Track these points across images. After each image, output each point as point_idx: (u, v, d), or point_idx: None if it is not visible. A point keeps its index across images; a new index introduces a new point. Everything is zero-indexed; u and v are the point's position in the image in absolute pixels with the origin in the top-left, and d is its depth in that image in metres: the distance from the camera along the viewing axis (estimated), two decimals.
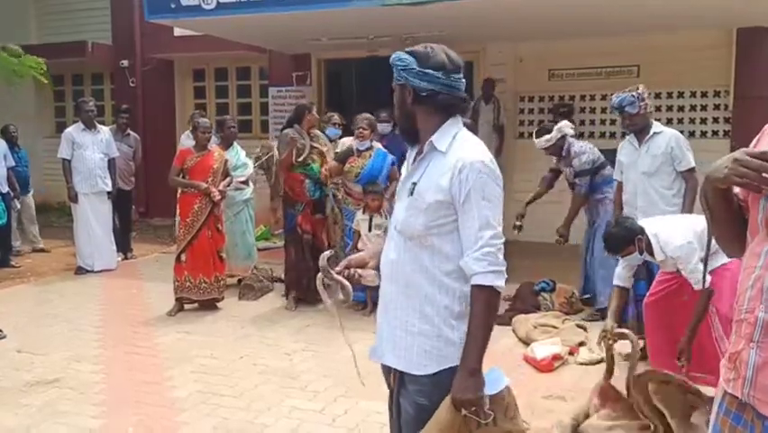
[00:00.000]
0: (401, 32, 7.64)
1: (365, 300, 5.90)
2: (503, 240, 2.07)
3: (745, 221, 1.68)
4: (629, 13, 6.63)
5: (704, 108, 8.05)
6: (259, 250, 7.78)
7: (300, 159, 5.90)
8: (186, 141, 7.13)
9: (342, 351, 4.91)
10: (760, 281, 1.57)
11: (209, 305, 6.12)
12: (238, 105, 10.74)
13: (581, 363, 4.65)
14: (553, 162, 5.89)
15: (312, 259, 6.01)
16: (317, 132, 6.20)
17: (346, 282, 2.30)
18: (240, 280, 6.70)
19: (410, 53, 2.12)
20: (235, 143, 6.84)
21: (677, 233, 3.73)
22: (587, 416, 3.69)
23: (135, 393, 4.27)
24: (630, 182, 4.82)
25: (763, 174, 1.45)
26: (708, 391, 3.35)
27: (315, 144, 6.04)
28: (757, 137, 1.67)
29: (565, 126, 5.60)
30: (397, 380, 2.23)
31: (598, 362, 4.60)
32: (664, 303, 3.91)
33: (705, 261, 1.84)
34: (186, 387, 4.35)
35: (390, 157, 6.01)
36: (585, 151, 5.53)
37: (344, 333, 2.43)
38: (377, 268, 2.35)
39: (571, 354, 4.75)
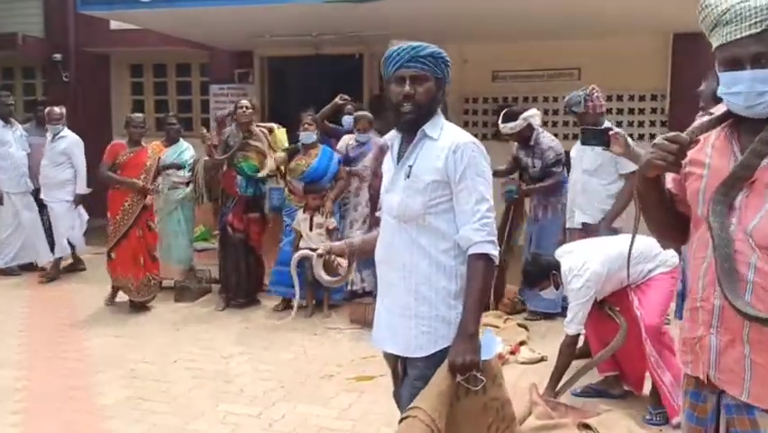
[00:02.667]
0: (346, 31, 7.56)
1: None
2: (494, 214, 2.23)
3: (677, 214, 1.81)
4: (570, 17, 6.70)
5: (642, 111, 8.23)
6: (198, 251, 7.56)
7: (224, 156, 5.82)
8: None
9: (282, 353, 4.86)
10: (711, 269, 1.63)
11: (141, 306, 5.91)
12: (178, 103, 10.43)
13: (522, 363, 4.63)
14: (513, 150, 5.85)
15: (244, 258, 5.90)
16: (256, 130, 6.00)
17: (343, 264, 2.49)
18: (176, 283, 6.46)
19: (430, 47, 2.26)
20: (183, 141, 6.60)
21: (580, 275, 3.65)
22: (528, 414, 3.68)
23: (59, 400, 4.05)
24: (573, 178, 4.88)
25: (676, 153, 1.60)
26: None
27: (252, 142, 5.89)
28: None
29: (534, 116, 5.51)
30: (402, 367, 2.36)
31: (539, 361, 4.62)
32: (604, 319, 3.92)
33: (628, 255, 1.98)
34: (114, 393, 4.15)
35: (337, 156, 5.94)
36: (554, 144, 5.53)
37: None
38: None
39: (512, 353, 4.74)
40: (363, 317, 5.35)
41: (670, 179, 1.80)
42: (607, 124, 4.75)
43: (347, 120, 6.52)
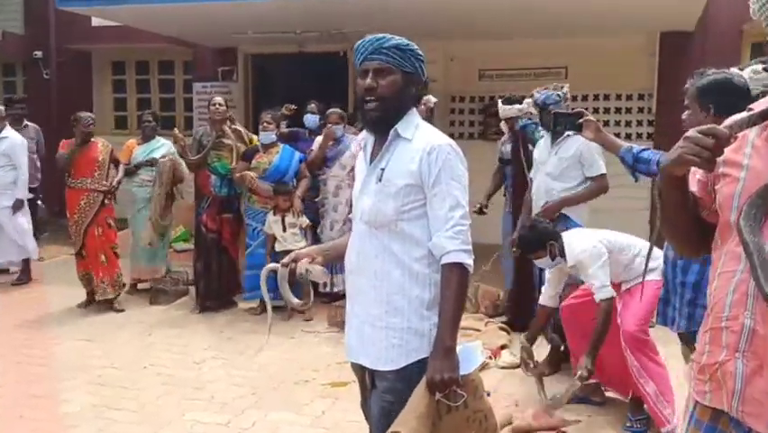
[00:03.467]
0: (330, 28, 7.44)
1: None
2: (469, 221, 2.10)
3: (699, 220, 1.62)
4: (557, 15, 6.60)
5: (629, 111, 8.14)
6: (178, 252, 7.43)
7: (197, 157, 5.71)
8: None
9: (255, 359, 4.73)
10: (744, 285, 1.44)
11: (110, 305, 5.81)
12: (161, 101, 10.28)
13: (503, 367, 4.52)
14: (499, 146, 5.74)
15: (216, 259, 5.77)
16: (227, 130, 5.82)
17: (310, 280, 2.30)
18: (152, 285, 6.32)
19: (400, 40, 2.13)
20: (161, 139, 6.43)
21: (588, 239, 3.65)
22: (508, 423, 3.58)
23: (21, 408, 3.90)
24: (536, 181, 4.70)
25: (713, 148, 1.39)
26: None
27: (225, 141, 5.77)
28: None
29: (531, 106, 5.34)
30: (370, 379, 2.22)
31: (519, 365, 4.50)
32: (581, 307, 3.81)
33: (647, 256, 1.74)
34: (79, 400, 4.01)
35: (298, 154, 5.84)
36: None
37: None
38: (329, 264, 2.36)
39: (493, 357, 4.62)
40: (342, 321, 5.21)
41: (694, 182, 1.61)
42: None
43: (311, 119, 6.40)
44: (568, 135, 4.53)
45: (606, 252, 3.56)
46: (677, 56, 7.32)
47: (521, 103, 5.40)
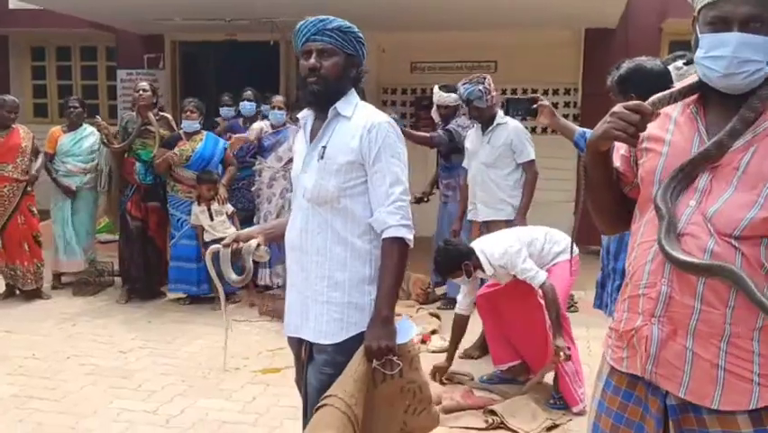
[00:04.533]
0: (260, 16, 7.33)
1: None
2: (409, 197, 2.18)
3: (622, 196, 1.70)
4: (485, 9, 6.72)
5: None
6: (102, 243, 7.19)
7: (122, 145, 5.60)
8: None
9: (183, 348, 4.65)
10: (660, 254, 1.50)
11: (33, 296, 5.63)
12: (83, 88, 9.90)
13: (433, 351, 4.59)
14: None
15: (142, 249, 5.66)
16: (151, 116, 5.66)
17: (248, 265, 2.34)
18: (75, 276, 6.10)
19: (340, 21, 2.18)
20: (88, 126, 6.18)
21: (499, 243, 3.77)
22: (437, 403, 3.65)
23: None
24: (471, 171, 4.81)
25: (637, 123, 1.47)
26: None
27: (151, 128, 5.62)
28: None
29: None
30: (307, 353, 2.26)
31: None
32: (495, 295, 3.95)
33: (573, 232, 1.82)
34: None
35: (222, 141, 5.77)
36: (467, 123, 5.36)
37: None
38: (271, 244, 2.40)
39: (423, 342, 4.69)
40: (273, 310, 5.19)
41: (618, 157, 1.68)
42: (500, 113, 4.76)
43: (248, 106, 6.33)
44: (498, 124, 4.65)
45: (520, 245, 3.71)
46: (601, 51, 7.56)
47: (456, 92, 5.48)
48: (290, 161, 5.79)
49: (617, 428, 1.64)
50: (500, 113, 4.78)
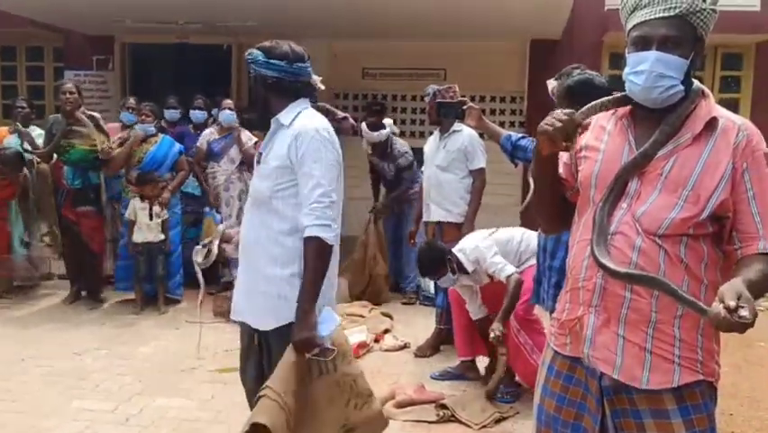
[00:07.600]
0: (213, 20, 7.37)
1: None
2: (333, 199, 2.31)
3: (565, 200, 1.91)
4: (435, 19, 6.93)
5: (502, 112, 8.66)
6: (48, 246, 7.10)
7: (46, 149, 5.56)
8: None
9: (140, 348, 4.69)
10: None
11: None
12: (29, 89, 9.69)
13: (386, 350, 4.75)
14: (368, 152, 6.10)
15: (81, 251, 5.66)
16: (81, 116, 5.58)
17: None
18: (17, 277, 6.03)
19: (258, 48, 2.41)
20: (36, 128, 6.09)
21: (474, 239, 4.05)
22: (391, 397, 3.81)
23: None
24: (427, 174, 5.00)
25: (566, 122, 1.67)
26: None
27: (77, 128, 5.55)
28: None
29: (391, 124, 5.99)
30: (259, 340, 2.48)
31: (402, 348, 4.78)
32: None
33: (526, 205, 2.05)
34: None
35: (178, 146, 5.82)
36: (406, 149, 6.00)
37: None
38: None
39: (376, 341, 4.85)
40: (227, 311, 5.24)
41: (561, 165, 1.88)
42: (458, 124, 4.98)
43: (198, 115, 6.39)
44: (455, 131, 4.85)
45: (491, 243, 3.94)
46: (545, 62, 7.86)
47: (385, 128, 5.89)
48: (243, 162, 5.93)
49: (560, 408, 1.84)
50: (458, 122, 4.97)
